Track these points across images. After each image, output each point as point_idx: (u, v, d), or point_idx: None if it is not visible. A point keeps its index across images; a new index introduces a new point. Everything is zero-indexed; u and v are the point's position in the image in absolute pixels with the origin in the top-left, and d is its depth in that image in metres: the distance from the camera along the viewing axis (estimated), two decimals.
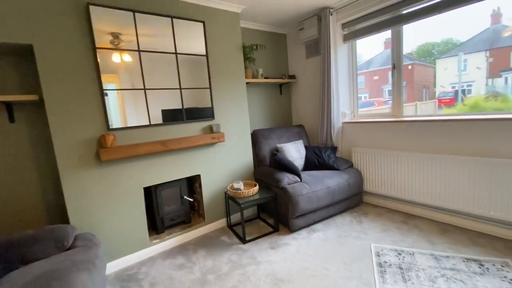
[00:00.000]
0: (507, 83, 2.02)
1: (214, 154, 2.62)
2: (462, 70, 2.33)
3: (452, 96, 3.09)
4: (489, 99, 2.22)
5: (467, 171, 2.16)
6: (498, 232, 2.07)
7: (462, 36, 2.13)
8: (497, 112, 2.19)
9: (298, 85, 3.62)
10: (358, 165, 2.98)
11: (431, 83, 2.59)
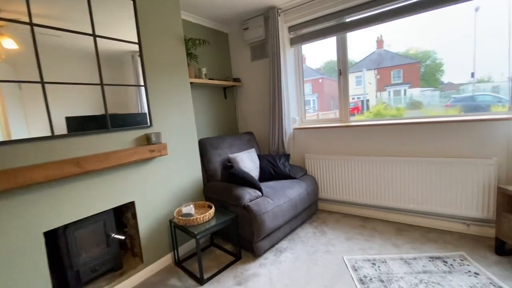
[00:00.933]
0: (390, 96, 2.56)
1: (153, 172, 2.02)
2: (364, 83, 2.75)
3: (355, 105, 3.43)
4: (387, 108, 2.61)
5: (411, 171, 2.30)
6: (443, 226, 2.25)
7: (357, 56, 2.58)
8: (438, 116, 2.42)
9: (244, 89, 3.33)
10: (312, 171, 2.88)
11: (337, 95, 2.95)
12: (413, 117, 2.48)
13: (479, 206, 2.06)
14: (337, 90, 2.81)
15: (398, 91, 2.52)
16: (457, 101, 2.38)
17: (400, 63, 2.48)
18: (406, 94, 2.52)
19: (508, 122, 1.95)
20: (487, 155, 2.02)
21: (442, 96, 2.41)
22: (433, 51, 2.32)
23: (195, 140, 2.38)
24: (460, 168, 2.10)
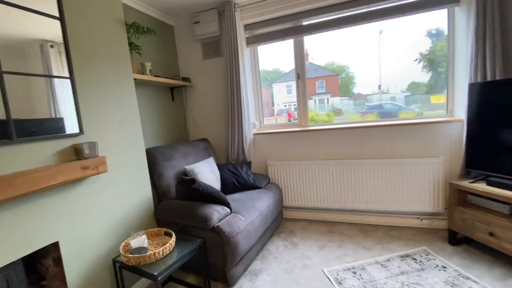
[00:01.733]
0: (316, 103, 2.83)
1: (87, 197, 1.48)
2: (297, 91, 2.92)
3: (287, 112, 3.59)
4: (319, 115, 2.89)
5: (369, 172, 2.38)
6: (401, 222, 2.39)
7: (286, 67, 2.83)
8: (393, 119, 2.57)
9: (195, 90, 2.95)
10: (275, 179, 2.72)
11: (270, 102, 3.07)
12: (369, 121, 2.59)
13: (430, 201, 2.25)
14: (269, 97, 2.77)
15: (322, 99, 2.78)
16: (370, 108, 2.69)
17: (323, 75, 2.78)
18: (329, 102, 2.82)
19: (449, 124, 2.19)
20: (435, 154, 2.23)
21: (355, 104, 2.79)
22: (347, 65, 2.66)
23: (142, 150, 1.90)
24: (412, 168, 2.26)
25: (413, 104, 2.59)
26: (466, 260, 1.83)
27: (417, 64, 2.42)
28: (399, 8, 2.26)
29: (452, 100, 2.29)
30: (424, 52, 2.38)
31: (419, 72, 2.44)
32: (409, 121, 2.33)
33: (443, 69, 2.32)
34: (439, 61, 2.35)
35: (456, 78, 2.23)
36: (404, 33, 2.38)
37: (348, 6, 2.36)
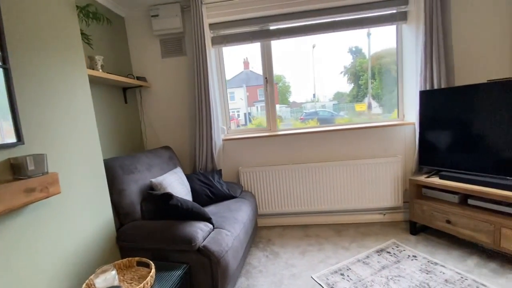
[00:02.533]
0: (258, 110, 2.89)
1: (30, 231, 1.08)
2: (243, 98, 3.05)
3: (238, 118, 3.68)
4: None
5: (337, 174, 2.48)
6: (367, 219, 2.56)
7: (228, 75, 2.81)
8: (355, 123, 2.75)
9: (153, 92, 2.60)
10: (248, 186, 2.59)
11: None
12: (336, 125, 2.73)
13: (391, 196, 2.47)
14: None
15: (263, 106, 2.81)
16: (307, 115, 2.89)
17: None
18: None
19: (402, 127, 2.46)
20: (393, 154, 2.48)
21: (292, 112, 2.96)
22: (283, 75, 2.80)
23: (99, 162, 1.53)
24: (375, 167, 2.45)
25: (341, 111, 2.88)
26: (428, 247, 2.05)
27: (342, 76, 2.73)
28: (358, 21, 2.46)
29: (402, 106, 2.59)
30: (347, 66, 2.69)
31: (344, 83, 2.76)
32: (369, 124, 2.53)
33: (363, 81, 2.68)
34: (359, 75, 2.71)
35: (405, 87, 2.53)
36: (332, 48, 2.66)
37: (315, 15, 2.45)
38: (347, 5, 2.41)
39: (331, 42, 2.63)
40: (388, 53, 2.64)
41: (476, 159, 1.95)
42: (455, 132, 2.06)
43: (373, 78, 2.69)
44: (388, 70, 2.66)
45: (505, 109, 1.78)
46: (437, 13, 2.11)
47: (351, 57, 2.70)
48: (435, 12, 2.10)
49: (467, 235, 1.88)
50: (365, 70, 2.68)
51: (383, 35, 2.61)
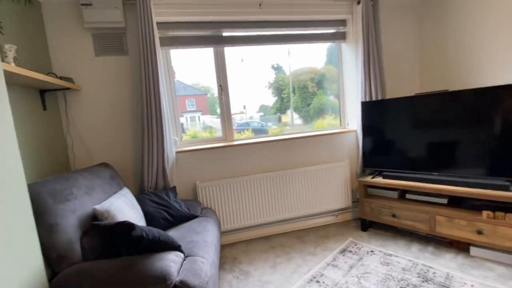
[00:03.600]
0: (187, 121, 2.84)
1: None
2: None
3: None
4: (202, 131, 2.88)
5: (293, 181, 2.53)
6: (323, 222, 2.69)
7: None
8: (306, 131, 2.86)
9: (83, 97, 2.09)
10: (207, 202, 2.35)
11: None
12: (289, 133, 2.81)
13: (342, 198, 2.68)
14: None
15: (193, 117, 2.85)
16: (240, 126, 2.98)
17: (193, 93, 2.82)
18: (200, 120, 2.86)
19: (346, 134, 2.73)
20: (341, 158, 2.70)
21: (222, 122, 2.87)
22: (211, 87, 2.81)
23: (23, 189, 1.09)
24: (326, 172, 2.61)
25: (268, 122, 3.06)
26: (379, 240, 2.29)
27: (267, 89, 2.92)
28: (307, 36, 2.65)
29: (344, 115, 2.88)
30: (271, 81, 2.91)
31: (269, 96, 2.96)
32: (319, 133, 2.70)
33: (285, 95, 2.95)
34: (281, 89, 2.95)
35: (346, 98, 2.84)
36: (258, 63, 2.81)
37: (268, 26, 2.50)
38: (296, 21, 2.56)
39: (257, 57, 2.77)
40: (304, 71, 2.95)
41: (410, 160, 2.31)
42: (391, 137, 2.40)
43: (293, 92, 2.95)
44: (305, 86, 2.96)
45: (429, 116, 2.18)
46: (372, 37, 2.45)
47: (273, 72, 2.90)
48: (371, 35, 2.45)
49: (409, 225, 2.19)
50: (287, 85, 2.92)
51: (301, 55, 2.89)
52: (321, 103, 3.00)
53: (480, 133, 1.93)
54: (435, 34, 2.62)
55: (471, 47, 2.30)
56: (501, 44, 2.07)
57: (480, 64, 2.24)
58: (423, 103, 2.22)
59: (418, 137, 2.25)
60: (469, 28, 2.29)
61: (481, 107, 1.92)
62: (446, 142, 2.11)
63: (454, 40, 2.44)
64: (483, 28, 2.19)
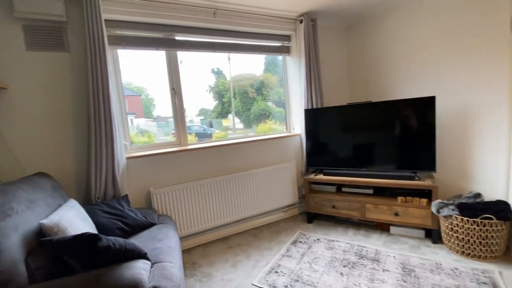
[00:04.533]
0: (133, 124, 2.62)
1: None
2: None
3: None
4: (138, 135, 2.68)
5: (246, 182, 2.70)
6: (274, 218, 2.92)
7: None
8: (258, 135, 3.04)
9: (10, 97, 1.78)
10: (163, 209, 2.28)
11: None
12: (244, 136, 2.95)
13: (290, 195, 2.96)
14: None
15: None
16: None
17: (125, 94, 2.43)
18: (134, 123, 2.64)
19: (292, 138, 3.04)
20: (289, 159, 2.99)
21: (159, 126, 2.80)
22: (145, 87, 2.69)
23: None
24: (276, 172, 2.86)
25: (210, 126, 3.07)
26: (323, 230, 2.63)
27: (208, 93, 2.97)
28: (257, 47, 2.86)
29: (290, 121, 3.20)
30: (211, 85, 2.97)
31: (209, 100, 3.00)
32: (269, 136, 2.94)
33: (226, 100, 3.05)
34: (222, 93, 3.03)
35: (291, 105, 3.16)
36: (197, 66, 2.80)
37: (220, 34, 2.60)
38: (248, 32, 2.74)
39: (196, 60, 2.75)
40: (244, 77, 3.15)
41: (344, 158, 2.73)
42: (329, 140, 2.80)
43: (234, 97, 3.07)
44: (246, 91, 3.15)
45: (357, 122, 2.64)
46: (312, 52, 2.82)
47: (214, 77, 2.98)
48: (311, 51, 2.81)
49: (346, 213, 2.59)
50: (227, 90, 3.02)
51: (241, 61, 3.03)
52: (261, 108, 3.21)
53: (392, 136, 2.46)
54: (359, 54, 3.18)
55: (387, 66, 2.89)
56: (410, 64, 2.69)
57: (395, 80, 2.85)
58: (352, 112, 2.68)
59: (349, 139, 2.69)
60: (385, 50, 2.89)
61: (392, 115, 2.45)
62: (370, 143, 2.60)
63: (373, 59, 3.02)
64: (396, 51, 2.80)
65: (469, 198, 2.11)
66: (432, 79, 2.51)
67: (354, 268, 1.94)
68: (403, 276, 1.81)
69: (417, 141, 2.33)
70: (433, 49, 2.47)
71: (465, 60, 2.25)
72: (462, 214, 1.92)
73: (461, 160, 2.36)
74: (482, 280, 1.70)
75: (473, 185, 2.29)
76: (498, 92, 2.07)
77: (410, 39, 2.65)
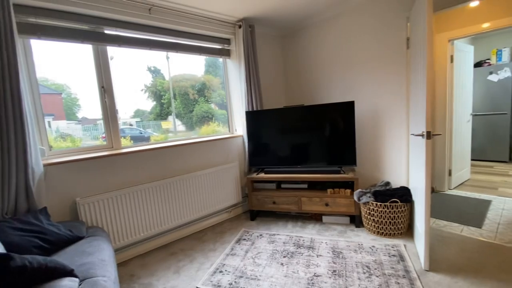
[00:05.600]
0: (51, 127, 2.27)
1: None
2: None
3: None
4: (58, 140, 2.37)
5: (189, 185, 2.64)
6: (219, 219, 2.93)
7: None
8: (196, 137, 2.98)
9: None
10: (92, 220, 2.05)
11: None
12: (181, 139, 2.86)
13: (234, 195, 3.01)
14: None
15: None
16: None
17: (41, 92, 2.06)
18: (52, 126, 2.25)
19: (235, 139, 3.11)
20: (232, 160, 3.05)
21: (85, 129, 2.47)
22: (66, 85, 2.35)
23: None
24: (219, 173, 2.88)
25: (147, 129, 2.87)
26: (265, 225, 2.77)
27: (143, 94, 2.76)
28: (197, 48, 2.84)
29: (232, 122, 3.26)
30: (148, 84, 2.77)
31: (146, 101, 2.79)
32: (211, 138, 2.93)
33: (165, 100, 2.88)
34: (160, 94, 2.85)
35: (233, 107, 3.23)
36: (131, 64, 2.59)
37: (156, 31, 2.50)
38: (186, 32, 2.70)
39: (130, 57, 2.55)
40: (184, 77, 3.05)
41: (282, 158, 2.94)
42: (268, 140, 2.97)
43: (174, 98, 2.95)
44: (186, 93, 3.03)
45: (292, 124, 2.88)
46: (251, 57, 2.95)
47: (150, 76, 2.80)
48: (250, 56, 2.94)
49: (285, 208, 2.78)
50: (166, 90, 2.86)
51: (181, 61, 2.92)
52: (204, 110, 3.18)
53: (322, 136, 2.77)
54: (293, 61, 3.47)
55: (316, 73, 3.23)
56: (333, 72, 3.06)
57: (323, 86, 3.20)
58: (288, 114, 2.91)
59: (286, 140, 2.91)
60: (315, 59, 3.22)
61: (320, 118, 2.76)
62: (303, 143, 2.86)
63: (305, 66, 3.34)
64: (323, 60, 3.15)
65: (381, 186, 2.53)
66: (352, 86, 2.92)
67: (293, 257, 2.11)
68: (333, 258, 2.05)
69: (341, 140, 2.68)
70: (351, 60, 2.88)
71: (377, 70, 2.69)
72: (376, 200, 2.30)
73: (375, 155, 2.82)
74: (392, 253, 2.06)
75: (384, 175, 2.76)
76: (400, 98, 2.55)
77: (333, 51, 3.03)
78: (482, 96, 4.50)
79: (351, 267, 1.92)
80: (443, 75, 3.18)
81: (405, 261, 1.94)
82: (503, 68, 4.25)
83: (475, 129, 4.42)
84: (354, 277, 1.81)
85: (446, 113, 3.23)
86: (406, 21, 2.40)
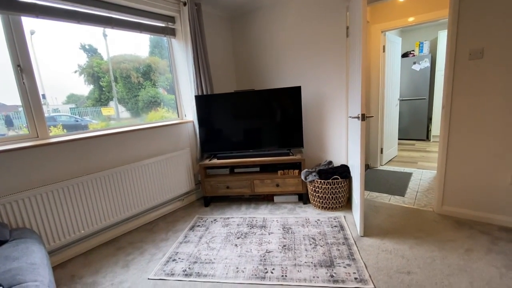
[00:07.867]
0: None
1: None
2: None
3: None
4: None
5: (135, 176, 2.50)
6: (171, 208, 2.84)
7: None
8: (140, 124, 2.76)
9: None
10: (18, 221, 1.78)
11: None
12: (125, 126, 2.62)
13: (186, 183, 2.94)
14: None
15: None
16: None
17: None
18: None
19: (184, 125, 2.99)
20: (183, 147, 2.94)
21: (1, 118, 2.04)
22: None
23: None
24: (169, 161, 2.77)
25: (84, 116, 2.56)
26: (220, 210, 2.79)
27: (78, 76, 2.40)
28: (136, 24, 2.57)
29: (181, 107, 3.12)
30: (82, 65, 2.40)
31: (82, 84, 2.43)
32: (158, 124, 2.75)
33: (105, 84, 2.55)
34: (99, 76, 2.51)
35: (181, 91, 3.07)
36: (59, 41, 2.24)
37: (88, 3, 2.18)
38: (122, 5, 2.42)
39: (57, 33, 2.19)
40: (126, 59, 2.71)
41: (234, 143, 2.95)
42: (220, 125, 2.94)
43: (115, 81, 2.62)
44: (129, 75, 2.73)
45: (243, 108, 2.88)
46: (199, 38, 2.81)
47: (85, 55, 2.44)
48: (198, 36, 2.79)
49: (238, 192, 2.83)
50: (105, 72, 2.55)
51: (121, 40, 2.62)
52: (150, 95, 2.95)
53: (272, 120, 2.85)
54: (242, 44, 3.43)
55: (266, 57, 3.25)
56: (282, 57, 3.12)
57: (272, 71, 3.24)
58: (239, 99, 2.90)
59: (238, 124, 2.92)
60: (264, 43, 3.23)
61: (270, 102, 2.83)
62: (254, 128, 2.91)
63: (254, 50, 3.33)
64: (272, 44, 3.17)
65: (325, 165, 2.76)
66: (299, 72, 3.04)
67: (246, 238, 2.19)
68: (283, 234, 2.20)
69: (290, 124, 2.81)
70: (298, 46, 2.98)
71: (321, 57, 2.84)
72: (320, 178, 2.50)
73: (319, 137, 3.03)
74: (334, 225, 2.29)
75: (327, 155, 3.00)
76: (340, 83, 2.75)
77: (281, 37, 3.08)
78: (407, 83, 5.15)
79: (299, 240, 2.09)
80: (377, 64, 3.54)
81: (344, 230, 2.19)
82: (424, 59, 4.91)
83: (401, 112, 5.09)
84: (302, 249, 1.97)
85: (378, 98, 3.62)
86: (346, 10, 2.56)
